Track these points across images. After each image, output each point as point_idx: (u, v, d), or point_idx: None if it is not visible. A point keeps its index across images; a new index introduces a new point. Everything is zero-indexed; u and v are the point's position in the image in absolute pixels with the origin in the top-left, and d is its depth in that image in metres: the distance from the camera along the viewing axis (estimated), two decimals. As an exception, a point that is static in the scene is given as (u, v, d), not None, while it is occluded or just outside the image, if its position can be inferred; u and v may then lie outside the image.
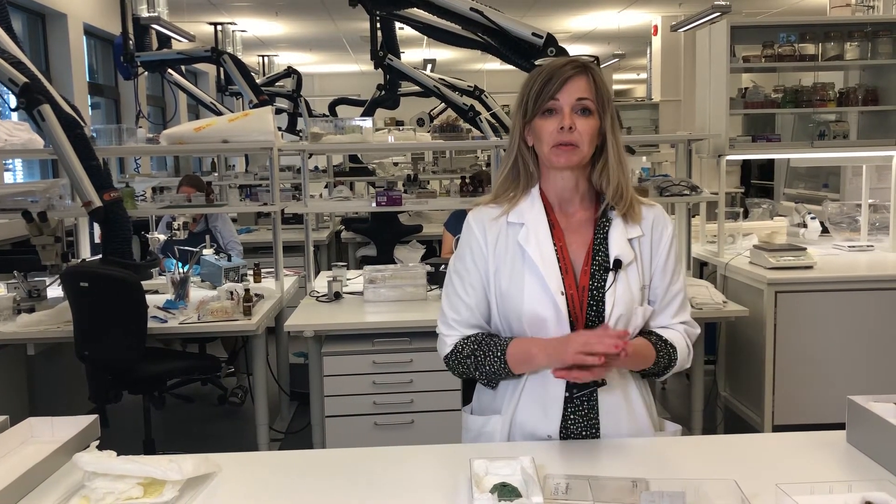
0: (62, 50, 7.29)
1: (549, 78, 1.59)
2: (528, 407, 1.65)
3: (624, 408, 1.66)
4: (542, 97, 1.59)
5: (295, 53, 13.34)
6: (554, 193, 1.68)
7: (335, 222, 7.22)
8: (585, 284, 1.62)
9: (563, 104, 1.58)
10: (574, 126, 1.57)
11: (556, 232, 1.65)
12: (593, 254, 1.64)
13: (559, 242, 1.64)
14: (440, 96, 5.79)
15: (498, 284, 1.65)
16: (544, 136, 1.60)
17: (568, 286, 1.61)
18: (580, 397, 1.63)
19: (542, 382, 1.63)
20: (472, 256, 1.68)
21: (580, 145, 1.58)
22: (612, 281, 1.61)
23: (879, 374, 3.69)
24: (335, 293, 3.74)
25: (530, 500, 1.29)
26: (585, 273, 1.63)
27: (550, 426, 1.63)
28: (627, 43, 11.91)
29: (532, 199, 1.67)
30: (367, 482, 1.47)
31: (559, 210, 1.68)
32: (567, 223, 1.67)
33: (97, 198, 3.37)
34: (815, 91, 4.28)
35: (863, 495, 1.26)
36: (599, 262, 1.63)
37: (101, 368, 3.31)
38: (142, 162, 8.06)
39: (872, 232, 4.58)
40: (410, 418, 3.29)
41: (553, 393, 1.63)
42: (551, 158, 1.61)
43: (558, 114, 1.58)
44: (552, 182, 1.67)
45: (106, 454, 1.44)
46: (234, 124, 3.89)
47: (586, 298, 1.62)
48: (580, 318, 1.61)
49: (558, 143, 1.58)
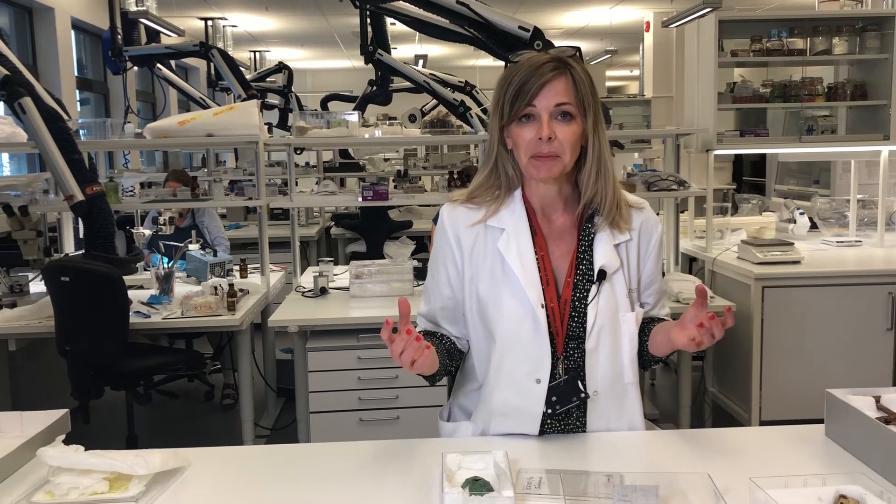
0: (49, 44, 7.24)
1: (524, 81, 1.46)
2: (503, 420, 1.58)
3: (616, 416, 1.60)
4: (518, 102, 1.47)
5: (286, 49, 13.29)
6: (536, 199, 1.60)
7: (325, 218, 7.19)
8: (568, 297, 1.55)
9: (540, 110, 1.46)
10: (554, 135, 1.46)
11: (539, 240, 1.57)
12: (577, 263, 1.57)
13: (541, 251, 1.56)
14: (430, 92, 5.76)
15: (475, 289, 1.59)
16: (521, 144, 1.49)
17: (549, 299, 1.54)
18: (562, 413, 1.57)
19: (519, 395, 1.56)
20: (444, 261, 1.63)
21: (561, 155, 1.48)
22: (594, 294, 1.54)
23: (866, 369, 3.69)
24: (321, 288, 3.72)
25: (501, 495, 1.27)
26: (568, 285, 1.55)
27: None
28: (620, 39, 11.89)
29: (514, 203, 1.58)
30: (338, 477, 1.45)
31: (542, 215, 1.60)
32: (550, 229, 1.59)
33: (79, 192, 3.34)
34: (803, 86, 4.26)
35: (837, 488, 1.24)
36: (583, 272, 1.56)
37: (82, 364, 3.28)
38: (131, 157, 8.02)
39: (861, 227, 4.57)
40: (396, 414, 3.28)
41: (532, 407, 1.56)
42: (530, 170, 1.51)
43: (536, 120, 1.47)
44: (534, 188, 1.59)
45: (72, 449, 1.41)
46: (218, 118, 3.85)
47: (568, 311, 1.54)
48: (560, 332, 1.55)
49: (537, 154, 1.48)
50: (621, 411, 1.60)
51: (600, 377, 1.56)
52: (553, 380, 1.54)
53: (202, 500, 1.37)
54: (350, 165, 7.75)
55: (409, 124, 6.53)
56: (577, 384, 1.55)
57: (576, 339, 1.55)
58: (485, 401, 1.61)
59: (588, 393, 1.55)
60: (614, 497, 1.27)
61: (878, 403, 1.52)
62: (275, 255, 4.41)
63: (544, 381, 1.54)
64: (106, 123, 4.37)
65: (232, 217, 6.84)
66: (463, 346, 1.67)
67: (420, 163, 8.70)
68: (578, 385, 1.55)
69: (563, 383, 1.55)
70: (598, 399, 1.57)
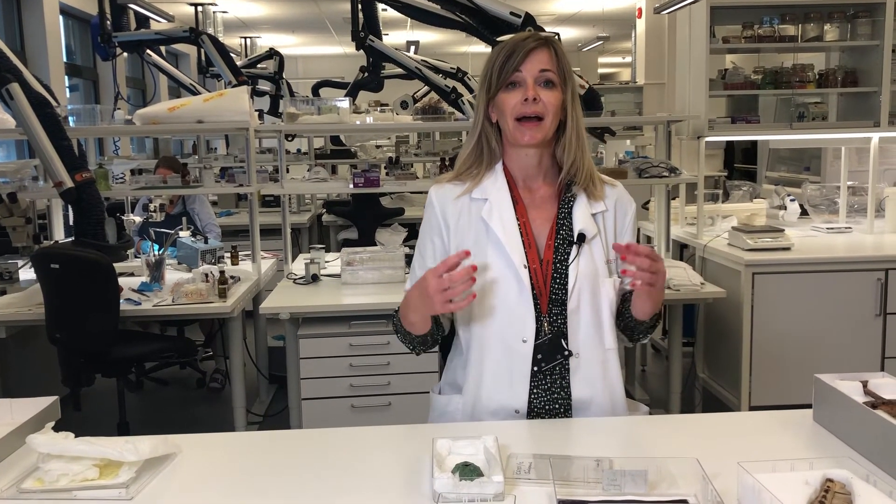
0: (37, 30, 7.17)
1: (511, 52, 1.59)
2: (493, 383, 1.64)
3: (600, 382, 1.64)
4: (505, 70, 1.59)
5: (277, 35, 13.21)
6: (518, 170, 1.69)
7: (317, 205, 7.16)
8: (549, 258, 1.63)
9: (526, 76, 1.58)
10: (538, 97, 1.57)
11: (520, 208, 1.66)
12: (557, 228, 1.65)
13: (522, 218, 1.65)
14: (422, 78, 5.72)
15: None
16: (508, 109, 1.60)
17: (531, 260, 1.62)
18: (549, 370, 1.61)
19: (507, 356, 1.62)
20: (431, 234, 1.71)
21: (545, 116, 1.59)
22: (575, 254, 1.62)
23: (855, 355, 3.71)
24: (312, 276, 3.71)
25: (491, 480, 1.27)
26: (549, 247, 1.64)
27: (517, 401, 1.62)
28: (612, 26, 11.86)
29: (495, 175, 1.68)
30: (328, 463, 1.45)
31: (523, 186, 1.69)
32: (531, 199, 1.68)
33: (68, 178, 3.32)
34: (794, 72, 4.26)
35: (824, 472, 1.25)
36: (563, 237, 1.64)
37: (73, 351, 3.27)
38: (121, 144, 7.96)
39: (851, 214, 4.59)
40: (387, 400, 3.28)
41: (519, 368, 1.62)
42: (516, 135, 1.61)
43: (521, 86, 1.59)
44: (515, 159, 1.68)
45: (62, 435, 1.41)
46: (208, 104, 3.83)
47: (550, 272, 1.62)
48: (544, 292, 1.62)
49: (522, 116, 1.58)
50: (603, 377, 1.65)
51: (582, 338, 1.62)
52: (538, 338, 1.61)
53: (192, 486, 1.37)
54: (342, 152, 7.72)
55: (400, 111, 6.50)
56: (561, 342, 1.62)
57: (559, 302, 1.61)
58: (474, 366, 1.66)
59: (571, 351, 1.61)
60: (603, 482, 1.28)
61: (866, 388, 1.53)
62: (266, 242, 4.40)
63: (530, 340, 1.61)
64: (95, 110, 4.34)
65: (223, 204, 6.82)
66: (445, 321, 1.72)
67: (412, 150, 8.67)
68: (562, 343, 1.62)
69: (547, 342, 1.61)
70: (581, 362, 1.63)
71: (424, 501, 1.28)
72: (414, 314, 1.58)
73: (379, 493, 1.32)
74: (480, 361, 1.65)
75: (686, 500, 1.25)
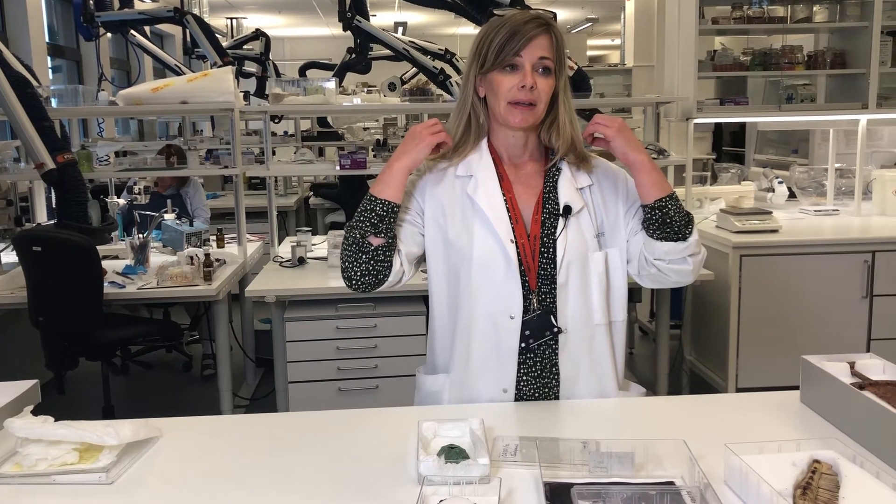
0: (19, 9, 7.05)
1: (512, 33, 1.56)
2: (480, 361, 1.62)
3: (586, 361, 1.63)
4: (505, 52, 1.56)
5: (264, 16, 13.06)
6: (503, 148, 1.67)
7: (304, 188, 7.12)
8: (536, 233, 1.61)
9: (525, 61, 1.56)
10: (535, 85, 1.56)
11: (505, 184, 1.65)
12: (543, 202, 1.64)
13: (508, 193, 1.64)
14: (410, 59, 5.68)
15: (446, 234, 1.63)
16: (501, 91, 1.57)
17: (518, 235, 1.61)
18: (537, 347, 1.60)
19: (495, 333, 1.60)
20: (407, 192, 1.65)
21: (538, 104, 1.57)
22: (562, 227, 1.61)
23: (842, 336, 3.73)
24: (299, 258, 3.69)
25: (476, 462, 1.26)
26: (536, 221, 1.62)
27: (505, 379, 1.61)
28: (601, 7, 11.81)
29: (480, 152, 1.66)
30: (312, 446, 1.43)
31: (508, 163, 1.68)
32: (516, 175, 1.67)
33: (50, 160, 3.27)
34: (783, 54, 4.25)
35: (811, 453, 1.24)
36: (550, 210, 1.63)
37: (55, 335, 3.24)
38: (106, 126, 7.88)
39: (839, 196, 4.60)
40: (375, 383, 3.27)
41: (507, 345, 1.60)
42: (507, 117, 1.59)
43: (519, 71, 1.56)
44: (502, 137, 1.67)
45: (40, 419, 1.38)
46: (192, 84, 3.78)
47: (538, 246, 1.61)
48: (532, 267, 1.60)
49: (516, 101, 1.56)
50: (591, 353, 1.64)
51: (570, 314, 1.61)
52: (526, 314, 1.59)
53: (174, 469, 1.35)
54: (329, 134, 7.66)
55: (388, 93, 6.44)
56: (550, 318, 1.60)
57: (548, 277, 1.60)
58: (461, 344, 1.64)
59: (560, 327, 1.60)
60: (590, 463, 1.27)
61: (853, 369, 1.52)
62: (252, 224, 4.37)
63: (518, 316, 1.59)
64: (78, 90, 4.27)
65: (209, 186, 6.76)
66: (400, 258, 1.63)
67: (400, 132, 8.62)
68: (551, 319, 1.60)
69: (535, 318, 1.59)
70: (569, 338, 1.61)
71: (410, 484, 1.27)
72: (396, 163, 1.58)
73: (364, 475, 1.31)
74: (468, 339, 1.63)
75: (672, 481, 1.24)
